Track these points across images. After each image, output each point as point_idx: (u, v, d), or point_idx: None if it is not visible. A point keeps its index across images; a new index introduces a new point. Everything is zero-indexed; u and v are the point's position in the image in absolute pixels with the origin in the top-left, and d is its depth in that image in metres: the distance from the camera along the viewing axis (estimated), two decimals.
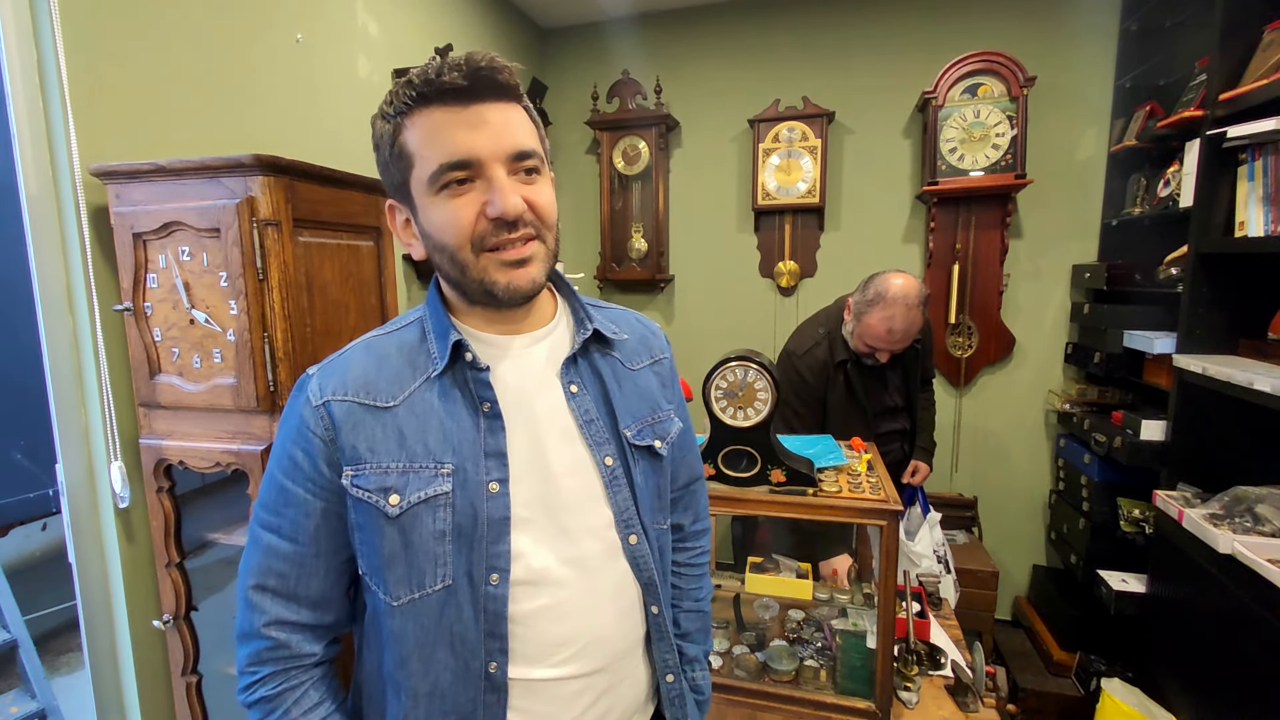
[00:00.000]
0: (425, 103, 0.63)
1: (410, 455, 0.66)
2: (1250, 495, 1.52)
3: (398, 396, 0.68)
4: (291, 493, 0.68)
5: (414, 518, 0.65)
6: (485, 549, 0.67)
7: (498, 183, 0.63)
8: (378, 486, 0.65)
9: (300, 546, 0.68)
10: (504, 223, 0.64)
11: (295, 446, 0.68)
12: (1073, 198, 2.55)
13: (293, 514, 0.68)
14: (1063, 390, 2.58)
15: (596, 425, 0.74)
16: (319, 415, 0.67)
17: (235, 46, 1.49)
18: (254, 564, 0.69)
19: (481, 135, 0.63)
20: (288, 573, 0.68)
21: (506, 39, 2.78)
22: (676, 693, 0.80)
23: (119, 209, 1.17)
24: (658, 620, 0.78)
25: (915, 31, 2.64)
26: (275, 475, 0.69)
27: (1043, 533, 2.74)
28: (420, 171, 0.64)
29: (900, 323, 1.75)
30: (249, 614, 0.69)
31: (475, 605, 0.67)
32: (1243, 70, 1.64)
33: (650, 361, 0.83)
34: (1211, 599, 1.57)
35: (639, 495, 0.75)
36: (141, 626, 1.30)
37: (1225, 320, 1.74)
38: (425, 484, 0.66)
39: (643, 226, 2.99)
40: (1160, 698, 1.76)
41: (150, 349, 1.20)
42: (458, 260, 0.66)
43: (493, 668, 0.67)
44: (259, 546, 0.69)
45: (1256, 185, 1.57)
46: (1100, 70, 2.46)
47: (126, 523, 1.28)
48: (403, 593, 0.66)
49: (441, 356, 0.69)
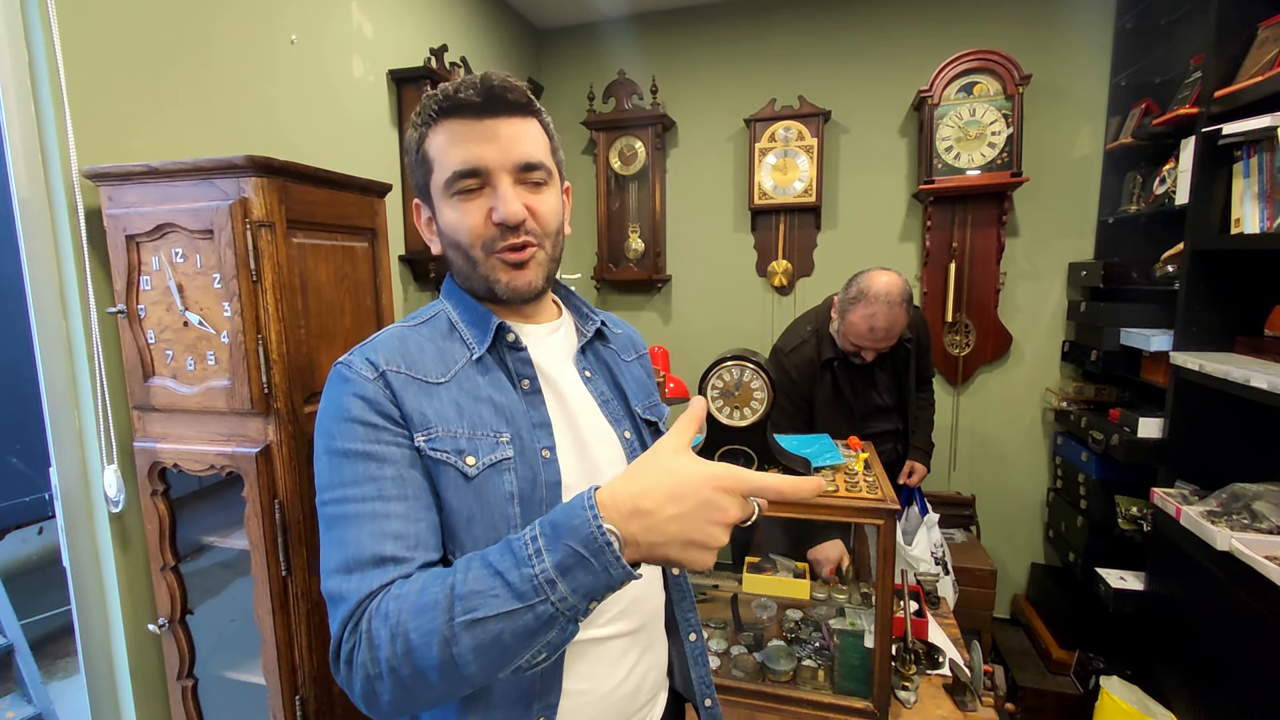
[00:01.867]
0: (446, 115, 0.70)
1: (471, 424, 0.69)
2: (1248, 492, 1.52)
3: (444, 375, 0.71)
4: (382, 453, 0.64)
5: (487, 480, 0.67)
6: (544, 511, 0.69)
7: (501, 191, 0.70)
8: (453, 448, 0.67)
9: (412, 500, 0.64)
10: (507, 227, 0.71)
11: (366, 413, 0.65)
12: (1069, 196, 2.55)
13: (392, 470, 0.64)
14: (1060, 388, 2.58)
15: (612, 405, 0.81)
16: (379, 385, 0.67)
17: (229, 47, 1.49)
18: (364, 541, 0.61)
19: (491, 148, 0.69)
20: (406, 532, 0.62)
21: (502, 40, 2.78)
22: (700, 650, 0.85)
23: (112, 211, 1.16)
24: (679, 581, 0.85)
25: (911, 30, 2.64)
26: (338, 451, 0.64)
27: (1041, 531, 2.74)
28: (438, 176, 0.72)
29: (882, 320, 1.74)
30: (345, 596, 0.60)
31: None
32: (1238, 67, 1.64)
33: (636, 356, 0.92)
34: (1209, 596, 1.57)
35: None
36: (137, 630, 1.30)
37: (1222, 317, 1.74)
38: (491, 450, 0.68)
39: (639, 227, 2.99)
40: (1159, 695, 1.76)
41: (144, 351, 1.19)
42: (470, 257, 0.73)
43: None
44: (362, 521, 0.62)
45: (1252, 182, 1.57)
46: (1096, 68, 2.46)
47: (121, 526, 1.27)
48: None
49: (482, 340, 0.73)
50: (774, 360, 1.99)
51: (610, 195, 2.97)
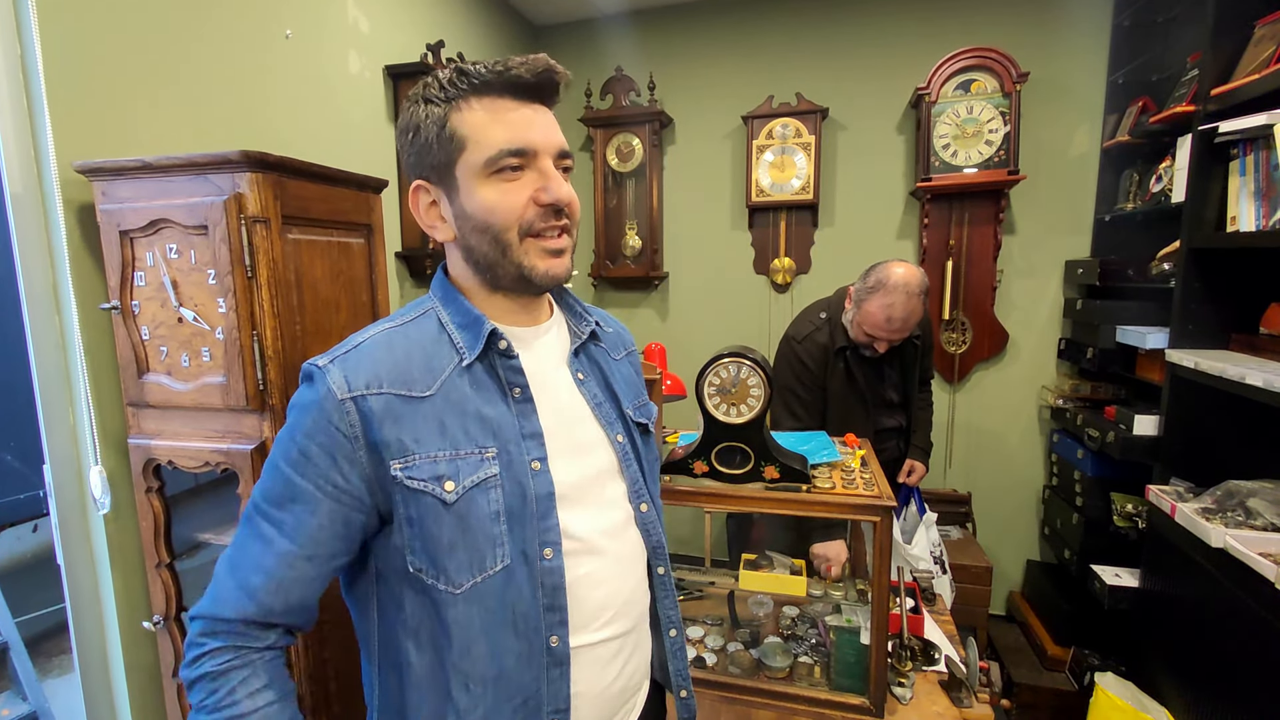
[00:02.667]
0: (487, 91, 0.67)
1: (454, 443, 0.68)
2: (1242, 489, 1.52)
3: (432, 386, 0.69)
4: (299, 488, 0.66)
5: (469, 502, 0.67)
6: (536, 525, 0.69)
7: (551, 173, 0.69)
8: (431, 475, 0.66)
9: (295, 547, 0.66)
10: (553, 210, 0.69)
11: (310, 440, 0.66)
12: (1066, 193, 2.55)
13: (298, 510, 0.66)
14: (1056, 386, 2.58)
15: (605, 408, 0.80)
16: (344, 410, 0.65)
17: (223, 41, 1.48)
18: (242, 555, 0.67)
19: (539, 129, 0.69)
20: (274, 572, 0.66)
21: (499, 36, 2.77)
22: (679, 645, 0.86)
23: (105, 206, 1.15)
24: (664, 580, 0.85)
25: (908, 27, 2.64)
26: (281, 468, 0.67)
27: (1036, 528, 2.75)
28: (474, 155, 0.67)
29: (900, 310, 1.73)
30: (220, 597, 0.66)
31: (533, 581, 0.69)
32: (1234, 65, 1.65)
33: (626, 354, 0.91)
34: (1204, 593, 1.58)
35: (645, 468, 0.83)
36: (132, 628, 1.29)
37: (1217, 315, 1.75)
38: (474, 469, 0.67)
39: (637, 224, 2.98)
40: (1154, 691, 1.77)
41: (138, 348, 1.18)
42: (502, 241, 0.69)
43: (554, 641, 0.70)
44: (253, 536, 0.67)
45: (1248, 180, 1.57)
46: (1093, 66, 2.47)
47: (116, 524, 1.27)
48: (464, 579, 0.67)
49: (473, 346, 0.71)
50: (787, 348, 1.97)
51: (607, 192, 2.97)
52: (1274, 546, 1.37)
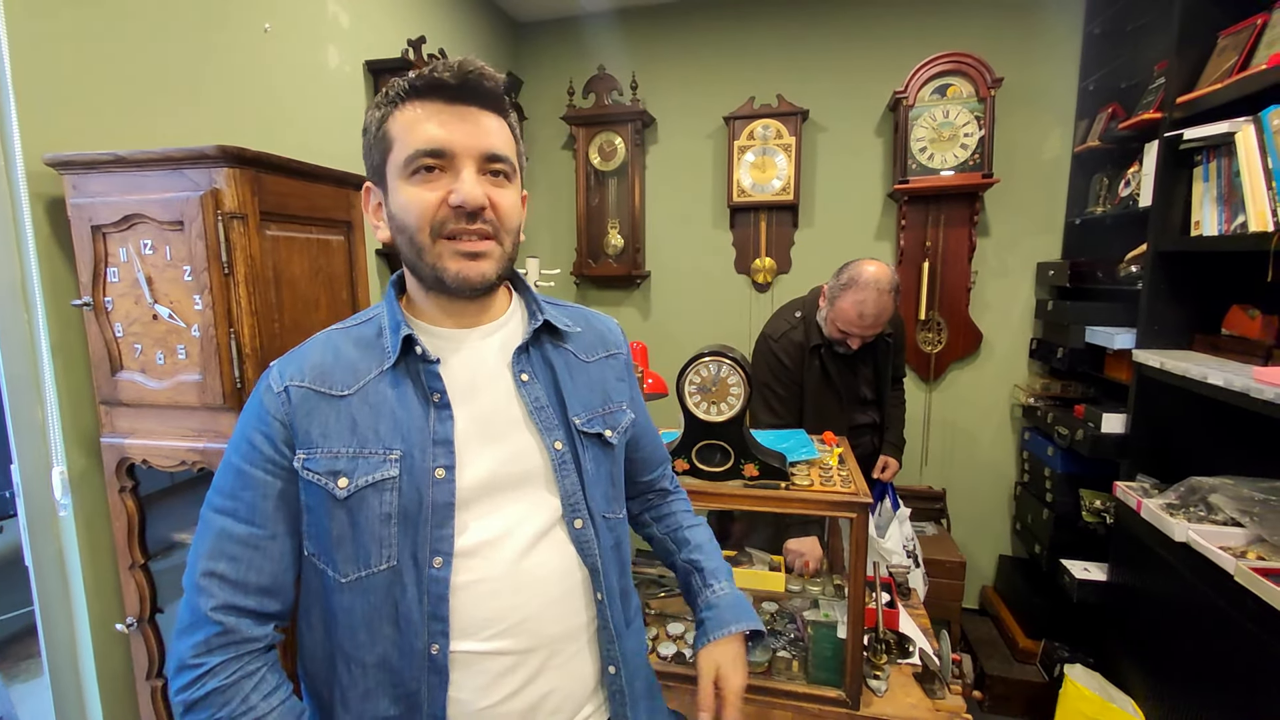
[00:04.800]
0: (416, 95, 0.69)
1: (361, 441, 0.70)
2: (1204, 485, 1.57)
3: (352, 386, 0.72)
4: (250, 475, 0.70)
5: (360, 501, 0.68)
6: (430, 533, 0.70)
7: (464, 175, 0.68)
8: (327, 470, 0.69)
9: (256, 528, 0.69)
10: (464, 213, 0.68)
11: (254, 430, 0.71)
12: (1038, 197, 2.61)
13: (250, 495, 0.69)
14: (1027, 384, 2.64)
15: (546, 412, 0.77)
16: (280, 400, 0.70)
17: (201, 34, 1.46)
18: (205, 549, 0.69)
19: (458, 131, 0.68)
20: (240, 556, 0.69)
21: (481, 32, 2.75)
22: (617, 687, 0.80)
23: (76, 200, 1.13)
24: (602, 608, 0.78)
25: (887, 32, 2.67)
26: (232, 461, 0.71)
27: (1008, 523, 2.82)
28: (396, 155, 0.69)
29: (872, 307, 1.78)
30: (197, 599, 0.68)
31: (419, 586, 0.69)
32: (1199, 74, 1.70)
33: (605, 355, 0.87)
34: (1168, 585, 1.63)
35: (587, 481, 0.78)
36: (104, 631, 1.27)
37: (1181, 316, 1.80)
38: (373, 469, 0.69)
39: (619, 222, 2.99)
40: (1120, 682, 1.82)
41: (111, 345, 1.16)
42: (415, 242, 0.70)
43: (434, 650, 0.70)
44: (211, 531, 0.70)
45: (1211, 186, 1.62)
46: (1065, 72, 2.52)
47: (87, 524, 1.24)
48: (350, 570, 0.69)
49: (394, 350, 0.72)
50: (764, 346, 2.00)
51: (590, 191, 2.97)
52: (1234, 540, 1.42)
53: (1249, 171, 1.45)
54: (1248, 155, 1.45)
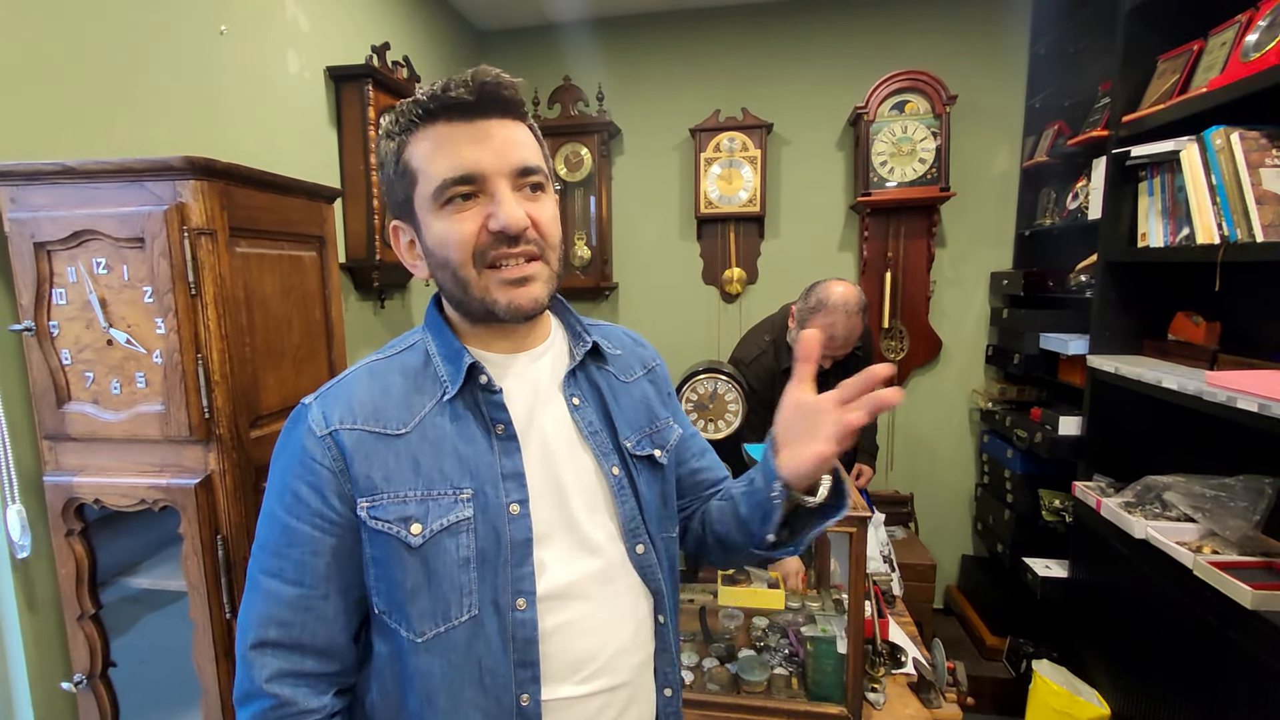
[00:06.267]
0: (431, 119, 0.63)
1: (427, 482, 0.64)
2: (1159, 484, 1.66)
3: (408, 423, 0.66)
4: (297, 531, 0.64)
5: (436, 546, 0.63)
6: (510, 573, 0.65)
7: (501, 196, 0.63)
8: (398, 516, 0.63)
9: (306, 590, 0.64)
10: (505, 237, 0.64)
11: (299, 480, 0.64)
12: (990, 209, 2.73)
13: (298, 554, 0.64)
14: (985, 389, 2.75)
15: (600, 436, 0.74)
16: (325, 445, 0.64)
17: (151, 36, 1.35)
18: (254, 615, 0.65)
19: (486, 150, 0.63)
20: (292, 620, 0.64)
21: (444, 40, 2.68)
22: (673, 709, 0.78)
23: (15, 215, 1.02)
24: (663, 630, 0.77)
25: (848, 49, 2.75)
26: (276, 513, 0.65)
27: (970, 524, 2.91)
28: (424, 187, 0.64)
29: (841, 329, 1.81)
30: (249, 672, 0.64)
31: (503, 634, 0.65)
32: (1141, 94, 1.81)
33: (644, 372, 0.84)
34: (1128, 580, 1.70)
35: (645, 505, 0.76)
36: (46, 689, 1.14)
37: (1130, 323, 1.90)
38: (446, 511, 0.64)
39: (585, 234, 2.96)
40: (1085, 675, 1.89)
41: (57, 374, 1.05)
42: (460, 278, 0.65)
43: (524, 700, 0.65)
44: (259, 593, 0.65)
45: (1155, 200, 1.72)
46: (1013, 90, 2.65)
47: (26, 573, 1.12)
48: (428, 627, 0.64)
49: (454, 380, 0.67)
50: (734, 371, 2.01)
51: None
52: (1189, 536, 1.50)
53: (1194, 188, 1.54)
54: (1192, 172, 1.55)
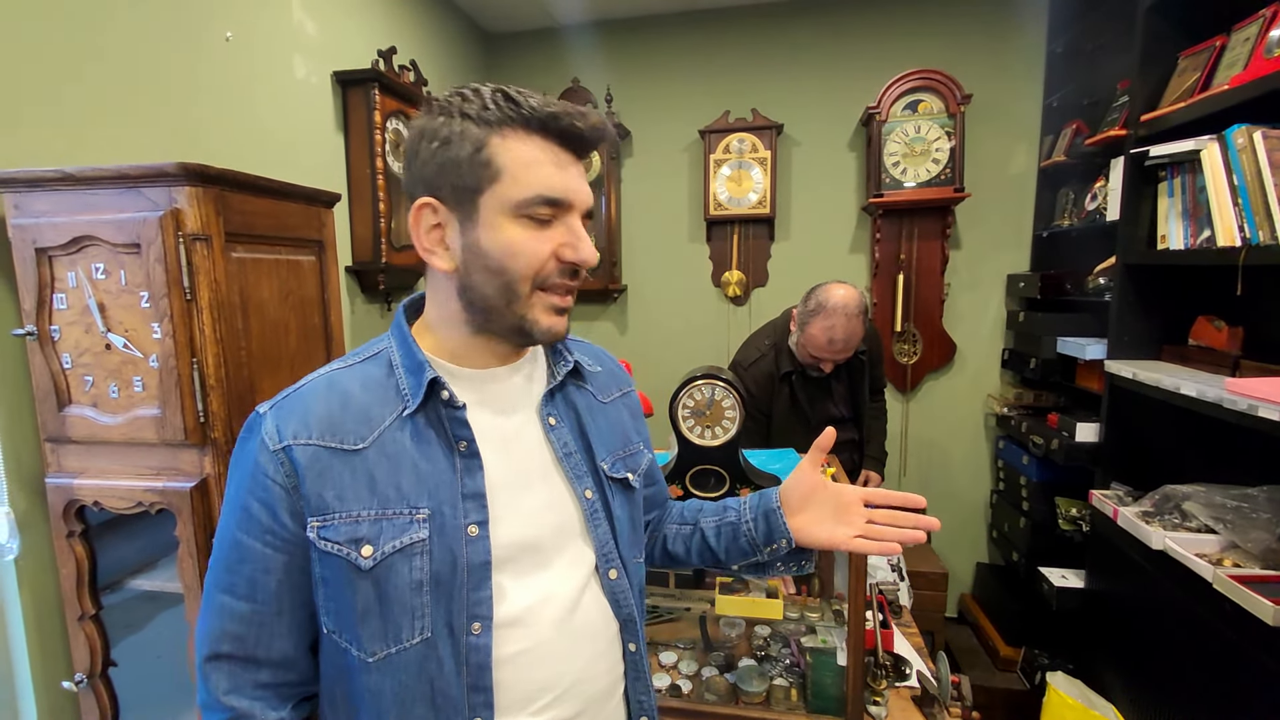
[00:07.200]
0: (530, 128, 0.62)
1: (383, 501, 0.62)
2: (1178, 493, 1.60)
3: (367, 438, 0.64)
4: (248, 547, 0.63)
5: (389, 569, 0.62)
6: (465, 596, 0.63)
7: (579, 231, 0.65)
8: (348, 538, 0.61)
9: (259, 605, 0.64)
10: (572, 270, 0.65)
11: (250, 496, 0.63)
12: (1006, 210, 2.67)
13: (249, 570, 0.63)
14: (1001, 395, 2.69)
15: (575, 459, 0.73)
16: (278, 461, 0.62)
17: (157, 43, 1.37)
18: (208, 629, 0.65)
19: (575, 182, 0.65)
20: (245, 635, 0.64)
21: (452, 43, 2.69)
22: None
23: (18, 221, 1.04)
24: (634, 658, 0.75)
25: (859, 48, 2.71)
26: (229, 527, 0.65)
27: (985, 532, 2.85)
28: (508, 190, 0.62)
29: (841, 332, 1.79)
30: (206, 685, 0.65)
31: (457, 658, 0.63)
32: (1161, 92, 1.75)
33: (619, 394, 0.84)
34: (1145, 592, 1.65)
35: (618, 529, 0.74)
36: (49, 689, 1.16)
37: (1150, 327, 1.84)
38: (400, 531, 0.62)
39: (594, 236, 2.95)
40: (1101, 688, 1.84)
41: (58, 377, 1.07)
42: (512, 290, 0.64)
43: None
44: (212, 608, 0.65)
45: (1176, 201, 1.67)
46: (1030, 89, 2.59)
47: (29, 573, 1.14)
48: (378, 648, 0.62)
49: (415, 394, 0.65)
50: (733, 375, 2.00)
51: None
52: (1209, 548, 1.45)
53: (1215, 188, 1.49)
54: (1214, 173, 1.49)
